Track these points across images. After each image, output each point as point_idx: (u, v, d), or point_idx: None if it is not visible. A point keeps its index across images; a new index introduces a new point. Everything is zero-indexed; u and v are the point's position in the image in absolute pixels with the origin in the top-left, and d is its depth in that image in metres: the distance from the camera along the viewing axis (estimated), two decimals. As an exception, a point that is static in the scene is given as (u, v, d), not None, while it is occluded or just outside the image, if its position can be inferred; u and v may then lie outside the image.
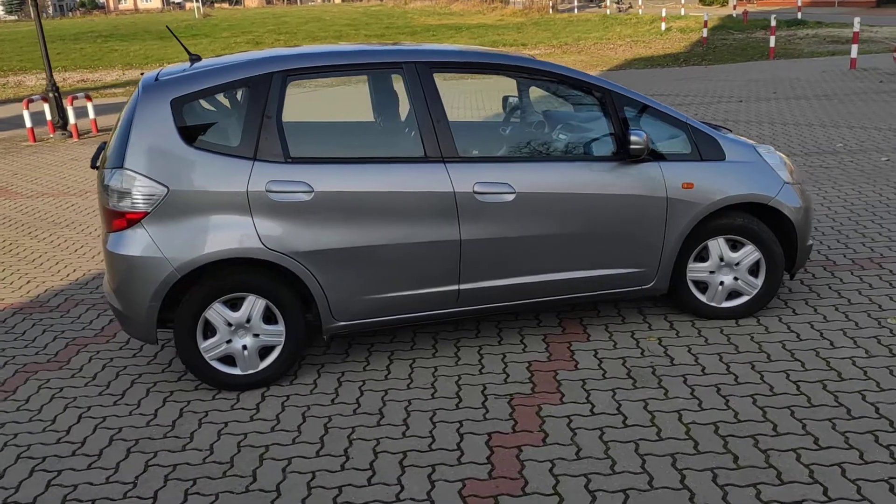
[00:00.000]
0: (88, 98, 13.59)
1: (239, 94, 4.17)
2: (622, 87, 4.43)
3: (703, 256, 4.60)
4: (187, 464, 3.51)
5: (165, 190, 3.87)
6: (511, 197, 4.16)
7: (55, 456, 3.63)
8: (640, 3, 43.89)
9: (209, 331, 4.07)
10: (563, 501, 3.09)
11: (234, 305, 4.06)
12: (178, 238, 3.90)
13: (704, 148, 4.46)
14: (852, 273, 5.30)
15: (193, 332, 4.02)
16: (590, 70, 19.19)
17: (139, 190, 3.88)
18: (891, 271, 5.29)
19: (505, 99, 5.33)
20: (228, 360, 4.13)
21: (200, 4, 66.45)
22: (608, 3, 50.33)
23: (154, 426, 3.86)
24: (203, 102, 4.08)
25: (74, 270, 6.29)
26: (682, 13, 36.85)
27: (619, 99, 4.37)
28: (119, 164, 3.92)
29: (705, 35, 24.91)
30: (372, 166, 4.10)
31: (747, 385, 3.91)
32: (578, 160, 4.34)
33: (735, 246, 4.57)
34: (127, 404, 4.09)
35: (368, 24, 45.92)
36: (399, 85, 4.25)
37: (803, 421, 3.54)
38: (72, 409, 4.07)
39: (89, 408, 4.07)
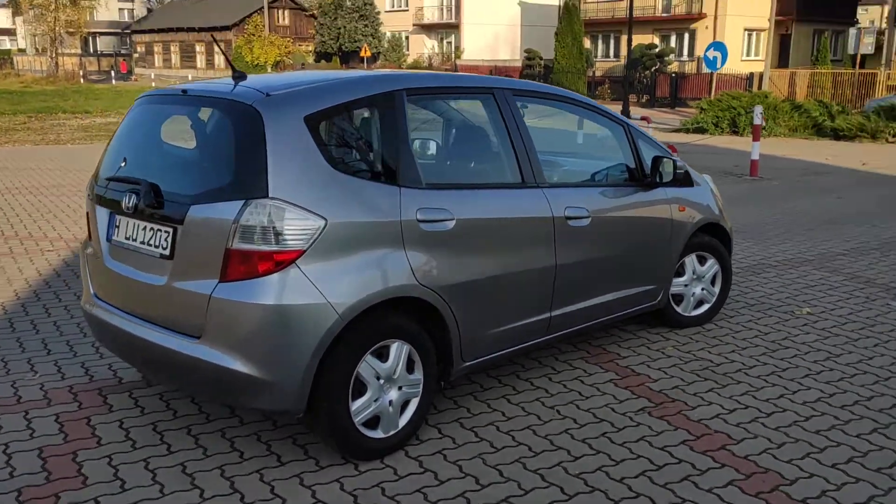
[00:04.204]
0: None
1: (365, 113, 3.62)
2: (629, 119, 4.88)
3: (679, 272, 5.20)
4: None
5: (323, 222, 3.20)
6: (587, 221, 4.29)
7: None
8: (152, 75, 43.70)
9: (356, 390, 3.40)
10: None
11: (380, 355, 3.47)
12: (338, 278, 3.24)
13: (684, 176, 5.11)
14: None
15: (346, 393, 3.33)
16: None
17: (293, 224, 3.15)
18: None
19: None
20: (370, 422, 3.49)
21: None
22: (136, 77, 49.40)
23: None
24: (333, 121, 3.46)
25: None
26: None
27: (635, 131, 4.80)
28: (260, 194, 3.12)
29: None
30: (492, 192, 3.94)
31: (790, 370, 4.61)
32: (621, 185, 4.66)
33: (701, 261, 5.28)
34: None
35: None
36: (490, 111, 4.10)
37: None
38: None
39: None
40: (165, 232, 3.37)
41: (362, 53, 40.62)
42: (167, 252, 3.36)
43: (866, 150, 17.71)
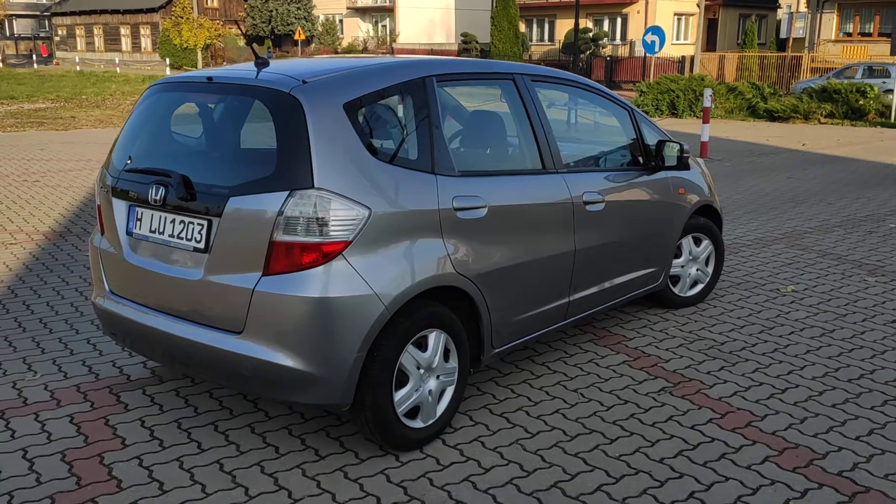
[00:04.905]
0: None
1: (398, 100, 3.55)
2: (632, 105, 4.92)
3: (675, 254, 5.30)
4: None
5: (367, 212, 3.15)
6: (602, 205, 4.33)
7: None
8: (77, 59, 41.93)
9: (398, 380, 3.37)
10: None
11: (419, 345, 3.45)
12: (383, 269, 3.20)
13: (682, 160, 5.19)
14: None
15: (390, 384, 3.30)
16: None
17: (339, 214, 3.09)
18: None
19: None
20: (410, 412, 3.46)
21: None
22: (58, 61, 47.60)
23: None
24: (370, 109, 3.40)
25: None
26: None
27: (639, 116, 4.85)
28: (305, 185, 3.05)
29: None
30: (518, 178, 3.94)
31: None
32: (629, 170, 4.71)
33: (696, 242, 5.39)
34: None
35: None
36: (510, 97, 4.08)
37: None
38: None
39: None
40: (199, 224, 3.26)
41: (296, 37, 39.92)
42: (202, 245, 3.25)
43: (801, 130, 18.31)
